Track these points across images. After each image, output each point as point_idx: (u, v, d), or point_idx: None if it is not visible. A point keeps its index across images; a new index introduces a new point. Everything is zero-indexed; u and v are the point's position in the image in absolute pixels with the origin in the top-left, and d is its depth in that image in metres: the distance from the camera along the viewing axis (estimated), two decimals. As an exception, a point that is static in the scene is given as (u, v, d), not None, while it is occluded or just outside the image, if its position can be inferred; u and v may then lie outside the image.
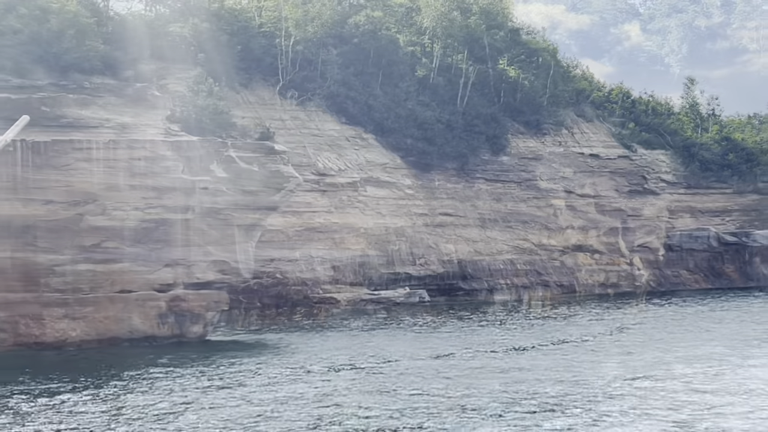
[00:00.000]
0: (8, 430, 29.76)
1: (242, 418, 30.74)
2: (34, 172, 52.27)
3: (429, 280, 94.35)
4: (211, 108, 56.12)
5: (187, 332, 54.40)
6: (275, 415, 31.00)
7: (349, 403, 32.82)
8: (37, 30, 53.85)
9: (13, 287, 51.87)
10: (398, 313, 77.00)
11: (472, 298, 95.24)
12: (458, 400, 32.80)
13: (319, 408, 31.99)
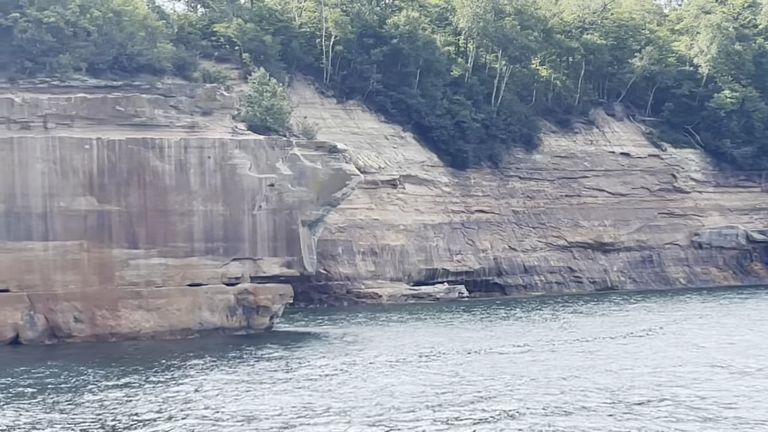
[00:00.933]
0: (86, 415, 31.41)
1: (322, 402, 32.41)
2: (109, 169, 54.32)
3: (465, 276, 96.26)
4: (276, 108, 58.05)
5: (254, 324, 56.40)
6: (365, 404, 32.72)
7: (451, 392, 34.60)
8: (110, 32, 55.83)
9: (90, 280, 53.95)
10: (442, 308, 78.77)
11: (507, 294, 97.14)
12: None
13: (427, 398, 33.76)
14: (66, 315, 53.64)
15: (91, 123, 54.63)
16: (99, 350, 50.39)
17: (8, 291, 53.01)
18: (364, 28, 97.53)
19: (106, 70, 55.54)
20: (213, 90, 57.11)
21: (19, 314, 52.98)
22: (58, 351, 50.64)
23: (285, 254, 56.83)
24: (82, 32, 55.57)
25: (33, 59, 54.46)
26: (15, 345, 52.67)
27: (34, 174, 53.34)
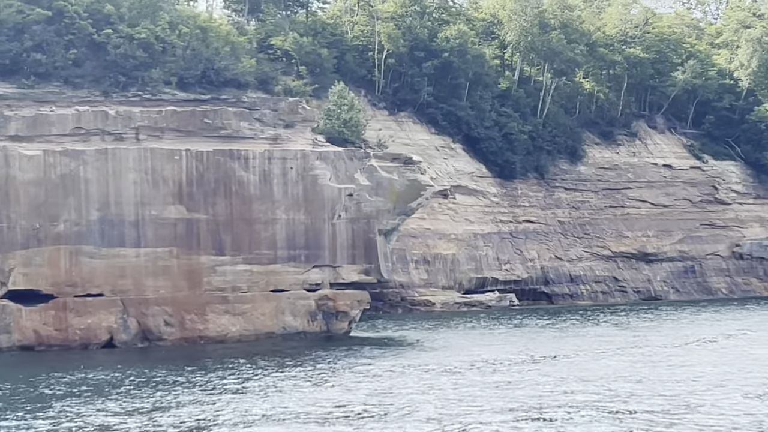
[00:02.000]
0: (174, 416, 33.33)
1: (411, 402, 34.34)
2: (197, 179, 56.68)
3: (514, 285, 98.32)
4: (353, 121, 60.32)
5: (333, 328, 58.57)
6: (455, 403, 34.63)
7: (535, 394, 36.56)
8: (197, 47, 58.23)
9: (179, 286, 56.25)
10: (499, 316, 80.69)
11: (554, 303, 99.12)
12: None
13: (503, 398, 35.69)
14: (157, 319, 55.95)
15: (180, 135, 57.02)
16: (189, 352, 52.61)
17: (103, 295, 55.36)
18: (416, 42, 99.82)
19: (194, 84, 57.93)
20: (295, 103, 59.45)
21: (113, 318, 55.33)
22: (150, 353, 52.96)
23: (363, 262, 58.98)
24: (171, 48, 57.94)
25: (126, 74, 56.87)
26: (109, 347, 54.97)
27: (127, 183, 55.74)
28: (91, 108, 56.05)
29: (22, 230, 54.41)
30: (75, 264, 54.96)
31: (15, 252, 54.27)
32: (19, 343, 54.14)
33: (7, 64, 55.40)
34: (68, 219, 54.90)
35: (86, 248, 55.08)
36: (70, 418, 32.79)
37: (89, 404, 35.55)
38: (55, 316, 54.71)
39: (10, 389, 39.67)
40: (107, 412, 33.77)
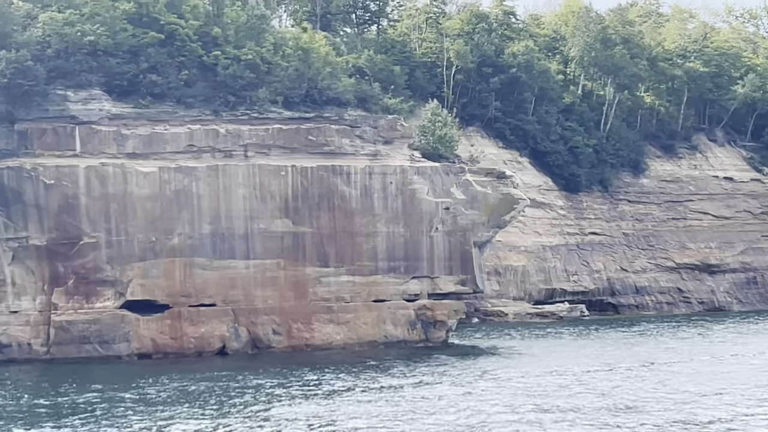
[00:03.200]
0: (286, 415, 35.47)
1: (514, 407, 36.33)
2: (302, 194, 59.23)
3: (581, 296, 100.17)
4: (447, 137, 62.68)
5: (431, 337, 60.83)
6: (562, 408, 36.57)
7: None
8: (301, 68, 60.85)
9: (286, 296, 58.78)
10: (574, 326, 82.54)
11: (620, 313, 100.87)
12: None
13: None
14: (266, 327, 58.49)
15: (285, 151, 59.63)
16: (298, 359, 54.92)
17: (215, 305, 57.99)
18: (483, 58, 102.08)
19: (298, 103, 60.49)
20: (394, 121, 61.91)
21: (225, 327, 57.91)
22: (261, 360, 55.33)
23: (459, 273, 61.25)
24: (276, 68, 60.54)
25: (234, 93, 59.54)
26: (222, 355, 57.53)
27: (237, 198, 58.40)
28: (203, 126, 58.80)
29: (139, 243, 57.21)
30: (189, 275, 57.67)
31: (133, 264, 57.07)
32: (137, 351, 56.86)
33: (125, 86, 58.22)
34: (182, 232, 57.61)
35: (199, 260, 57.78)
36: (199, 420, 34.79)
37: (216, 408, 37.59)
38: (171, 325, 57.40)
39: (135, 394, 41.88)
40: (229, 416, 35.78)
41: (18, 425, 34.79)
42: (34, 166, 56.25)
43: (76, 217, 56.64)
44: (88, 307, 56.91)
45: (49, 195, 56.33)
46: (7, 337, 57.14)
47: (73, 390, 43.74)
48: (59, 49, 57.21)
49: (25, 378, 51.56)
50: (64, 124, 57.00)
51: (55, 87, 56.94)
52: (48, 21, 57.39)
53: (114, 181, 56.90)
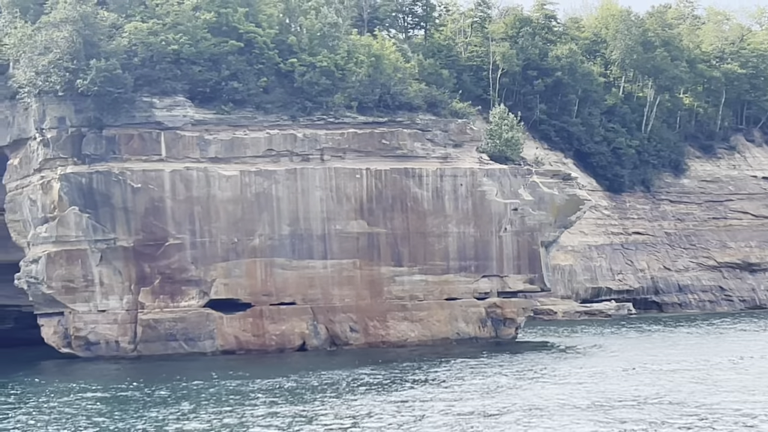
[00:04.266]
0: (362, 408, 37.13)
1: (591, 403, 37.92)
2: (376, 196, 61.31)
3: (626, 294, 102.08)
4: (514, 140, 64.69)
5: (501, 334, 62.82)
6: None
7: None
8: (373, 74, 62.92)
9: (362, 295, 60.85)
10: (624, 323, 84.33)
11: (664, 311, 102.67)
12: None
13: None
14: (343, 325, 60.58)
15: (360, 155, 61.67)
16: (375, 355, 56.82)
17: (295, 304, 60.10)
18: (528, 61, 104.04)
19: (372, 108, 62.50)
20: (464, 125, 63.92)
21: (304, 324, 60.02)
22: (340, 356, 57.29)
23: (528, 272, 63.22)
24: (350, 74, 62.63)
25: (311, 99, 61.58)
26: (302, 351, 59.62)
27: (314, 200, 60.49)
28: (281, 131, 60.90)
29: (222, 244, 59.36)
30: (270, 275, 59.79)
31: (216, 264, 59.21)
32: (221, 348, 59.01)
33: (207, 92, 60.36)
34: (263, 233, 59.74)
35: (279, 260, 59.89)
36: (287, 411, 36.22)
37: (305, 403, 39.04)
38: (253, 323, 59.53)
39: (227, 389, 43.60)
40: (320, 408, 37.18)
41: (113, 418, 36.48)
42: (122, 170, 58.45)
43: (161, 220, 58.82)
44: (173, 306, 59.08)
45: (136, 198, 58.53)
46: (95, 335, 59.37)
47: (167, 384, 45.57)
48: (145, 58, 59.38)
49: (114, 373, 53.73)
50: (150, 130, 59.15)
51: (142, 94, 59.08)
52: (133, 31, 59.56)
53: (198, 184, 59.05)
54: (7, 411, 39.25)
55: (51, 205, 59.57)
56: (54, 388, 46.50)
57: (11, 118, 63.34)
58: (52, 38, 58.54)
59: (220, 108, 60.24)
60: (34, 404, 41.22)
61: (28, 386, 47.85)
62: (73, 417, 37.14)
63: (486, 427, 32.19)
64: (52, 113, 59.13)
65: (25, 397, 43.88)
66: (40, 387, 47.51)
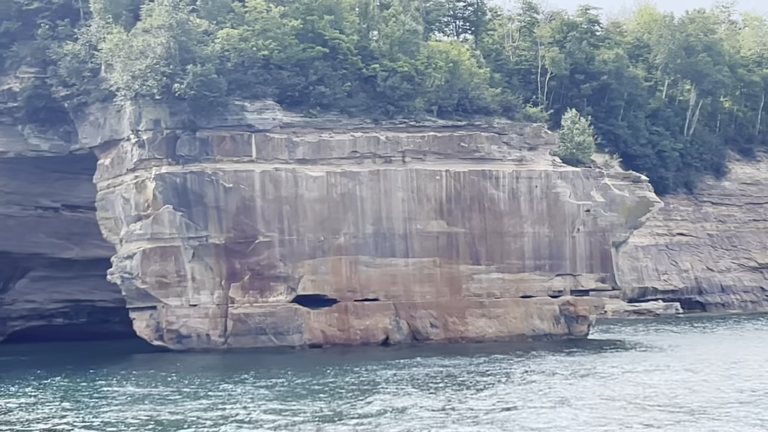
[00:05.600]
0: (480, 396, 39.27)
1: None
2: (455, 197, 63.71)
3: (671, 294, 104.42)
4: (585, 143, 67.08)
5: (574, 331, 65.16)
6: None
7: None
8: (451, 79, 65.37)
9: (442, 292, 63.27)
10: (675, 322, 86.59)
11: (708, 311, 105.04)
12: None
13: None
14: (424, 321, 63.00)
15: (440, 157, 64.10)
16: (456, 350, 59.09)
17: (378, 300, 62.53)
18: (575, 65, 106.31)
19: (451, 112, 64.94)
20: (539, 129, 66.33)
21: (387, 320, 62.47)
22: (422, 351, 59.52)
23: (599, 271, 65.59)
24: (429, 79, 65.07)
25: (393, 103, 64.00)
26: (385, 345, 62.05)
27: (396, 201, 62.92)
28: (365, 134, 63.35)
29: (309, 242, 61.84)
30: (354, 272, 62.25)
31: (303, 261, 61.68)
32: (308, 341, 61.48)
33: (296, 96, 62.81)
34: (347, 232, 62.19)
35: (363, 258, 62.34)
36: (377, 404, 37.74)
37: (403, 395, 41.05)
38: (339, 318, 62.00)
39: (313, 381, 45.44)
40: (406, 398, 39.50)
41: (212, 407, 38.36)
42: (215, 170, 60.94)
43: (252, 218, 61.31)
44: (262, 301, 61.57)
45: (228, 197, 61.02)
46: (186, 328, 61.89)
47: (281, 374, 47.56)
48: (237, 63, 61.83)
49: (210, 364, 56.13)
50: (242, 132, 61.65)
51: (234, 98, 61.54)
52: (225, 37, 62.02)
53: (286, 184, 61.51)
54: (131, 395, 41.56)
55: (145, 204, 62.15)
56: (169, 377, 48.81)
57: (102, 120, 66.00)
58: (148, 44, 61.05)
59: (308, 111, 62.67)
60: (154, 393, 43.53)
61: (139, 377, 50.12)
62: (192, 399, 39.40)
63: (599, 416, 33.92)
64: (148, 116, 61.69)
65: (144, 384, 46.23)
66: (154, 377, 49.74)
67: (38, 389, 45.61)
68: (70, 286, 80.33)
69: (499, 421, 32.95)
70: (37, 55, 68.36)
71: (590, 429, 31.48)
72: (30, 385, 47.09)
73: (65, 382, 48.67)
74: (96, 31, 65.34)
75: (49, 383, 47.89)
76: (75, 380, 49.12)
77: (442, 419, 33.59)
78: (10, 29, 69.24)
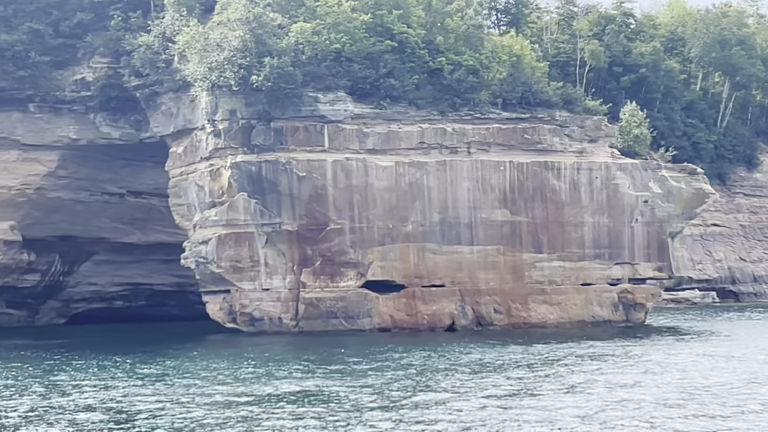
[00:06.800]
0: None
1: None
2: (518, 187, 65.77)
3: (705, 284, 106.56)
4: (643, 136, 69.15)
5: (631, 318, 67.30)
6: None
7: None
8: (513, 72, 67.46)
9: (505, 279, 65.38)
10: (714, 311, 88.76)
11: (741, 300, 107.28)
12: None
13: None
14: (488, 307, 65.15)
15: (503, 148, 66.13)
16: (522, 335, 61.06)
17: (444, 286, 64.66)
18: (613, 58, 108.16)
19: (515, 105, 67.03)
20: (599, 121, 68.36)
21: (453, 305, 64.61)
22: (488, 335, 61.59)
23: (657, 260, 67.75)
24: (493, 73, 67.07)
25: (459, 96, 66.06)
26: (451, 330, 64.19)
27: (462, 190, 64.98)
28: (431, 126, 65.37)
29: (378, 230, 63.94)
30: (421, 259, 64.35)
31: (373, 248, 63.79)
32: (378, 325, 63.63)
33: (366, 89, 64.79)
34: (415, 220, 64.28)
35: (430, 245, 64.43)
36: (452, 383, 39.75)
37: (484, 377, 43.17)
38: (406, 303, 64.15)
39: (385, 363, 47.31)
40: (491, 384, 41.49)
41: (290, 380, 40.62)
42: (289, 160, 63.02)
43: (324, 206, 63.41)
44: (332, 286, 63.70)
45: (301, 185, 63.10)
46: (259, 311, 64.08)
47: (344, 355, 49.74)
48: (311, 56, 63.81)
49: (287, 346, 58.28)
50: (315, 123, 63.70)
51: (307, 90, 63.52)
52: (299, 30, 63.98)
53: (357, 174, 63.59)
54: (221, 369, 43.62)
55: (219, 191, 64.24)
56: (252, 357, 50.92)
57: (175, 109, 68.01)
58: (225, 36, 63.02)
59: (378, 103, 64.67)
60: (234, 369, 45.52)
61: (223, 357, 52.26)
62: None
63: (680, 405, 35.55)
64: (224, 106, 63.70)
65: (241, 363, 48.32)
66: (239, 357, 51.81)
67: (147, 366, 47.60)
68: (131, 270, 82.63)
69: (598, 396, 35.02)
70: (110, 45, 70.48)
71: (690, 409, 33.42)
72: (135, 363, 49.12)
73: (167, 360, 50.78)
74: (170, 23, 67.30)
75: (154, 362, 49.71)
76: (167, 359, 51.17)
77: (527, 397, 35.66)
78: (84, 20, 71.34)
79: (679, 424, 29.88)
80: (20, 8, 71.51)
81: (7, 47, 69.71)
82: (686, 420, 30.66)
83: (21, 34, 70.17)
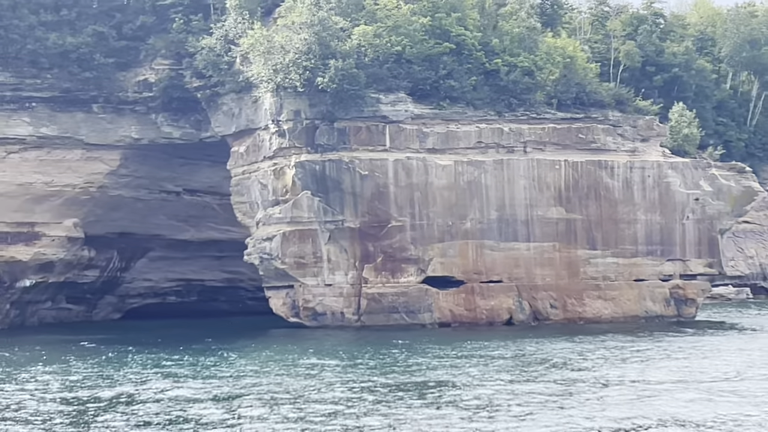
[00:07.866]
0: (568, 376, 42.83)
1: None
2: (573, 185, 67.51)
3: (738, 280, 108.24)
4: (692, 135, 70.86)
5: (682, 313, 69.05)
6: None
7: None
8: (566, 73, 69.30)
9: (561, 275, 67.14)
10: (750, 306, 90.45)
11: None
12: None
13: None
14: (544, 302, 66.92)
15: (558, 148, 67.92)
16: (577, 330, 62.79)
17: (502, 282, 66.45)
18: (647, 57, 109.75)
19: (569, 105, 68.81)
20: (651, 121, 70.15)
21: (510, 300, 66.40)
22: (545, 330, 63.26)
23: (707, 256, 69.54)
24: (547, 73, 68.82)
25: (515, 96, 67.86)
26: (509, 325, 65.96)
27: (518, 188, 66.77)
28: (489, 125, 67.18)
29: (438, 227, 65.75)
30: (480, 255, 66.18)
31: (433, 245, 65.59)
32: (438, 320, 65.44)
33: (426, 90, 66.56)
34: (473, 218, 66.09)
35: (488, 242, 66.25)
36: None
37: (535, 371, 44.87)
38: (465, 299, 65.94)
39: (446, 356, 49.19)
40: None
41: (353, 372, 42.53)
42: (351, 159, 64.83)
43: (385, 204, 65.21)
44: (393, 282, 65.52)
45: (363, 184, 64.88)
46: (322, 306, 65.90)
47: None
48: (373, 58, 65.57)
49: (347, 338, 60.08)
50: (377, 123, 65.51)
51: (369, 91, 65.28)
52: (362, 33, 65.72)
53: (417, 172, 65.39)
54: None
55: (283, 189, 66.07)
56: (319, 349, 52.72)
57: (237, 109, 69.83)
58: (290, 39, 64.77)
59: (437, 104, 66.45)
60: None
61: (293, 350, 54.02)
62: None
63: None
64: (289, 107, 65.49)
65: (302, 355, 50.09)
66: (307, 351, 53.60)
67: (247, 360, 49.58)
68: (184, 266, 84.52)
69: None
70: (172, 47, 72.27)
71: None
72: (204, 356, 51.10)
73: (236, 353, 52.68)
74: (232, 26, 69.06)
75: (224, 355, 51.75)
76: (235, 352, 53.07)
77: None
78: (146, 23, 73.16)
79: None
80: (84, 11, 73.33)
81: (72, 49, 71.50)
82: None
83: (85, 36, 71.98)
